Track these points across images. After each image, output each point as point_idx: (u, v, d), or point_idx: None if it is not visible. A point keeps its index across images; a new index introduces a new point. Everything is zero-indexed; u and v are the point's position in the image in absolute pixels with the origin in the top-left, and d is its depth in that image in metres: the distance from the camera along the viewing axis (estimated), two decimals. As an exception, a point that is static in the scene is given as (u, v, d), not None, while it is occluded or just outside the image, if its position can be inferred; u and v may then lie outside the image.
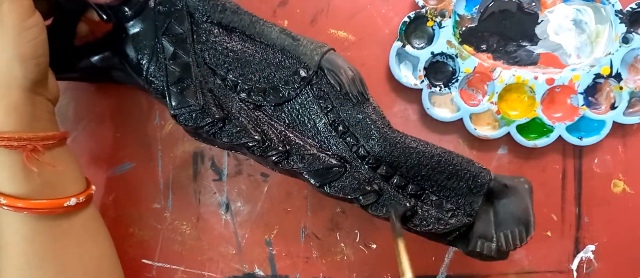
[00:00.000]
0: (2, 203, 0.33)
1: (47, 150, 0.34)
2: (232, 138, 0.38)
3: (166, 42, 0.38)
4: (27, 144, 0.33)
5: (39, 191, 0.34)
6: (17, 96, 0.33)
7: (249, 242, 0.46)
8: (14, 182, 0.33)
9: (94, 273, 0.38)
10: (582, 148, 0.45)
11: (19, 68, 0.32)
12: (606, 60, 0.43)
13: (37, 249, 0.35)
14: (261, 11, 0.46)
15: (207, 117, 0.37)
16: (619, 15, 0.42)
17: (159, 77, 0.38)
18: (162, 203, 0.46)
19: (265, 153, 0.38)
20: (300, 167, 0.38)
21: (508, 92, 0.45)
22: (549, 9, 0.44)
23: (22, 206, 0.33)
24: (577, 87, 0.43)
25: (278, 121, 0.39)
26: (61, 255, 0.36)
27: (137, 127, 0.46)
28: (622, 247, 0.46)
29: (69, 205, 0.35)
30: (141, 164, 0.46)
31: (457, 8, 0.44)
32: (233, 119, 0.38)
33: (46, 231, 0.35)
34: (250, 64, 0.39)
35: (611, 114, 0.43)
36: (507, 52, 0.44)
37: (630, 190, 0.46)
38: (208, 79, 0.38)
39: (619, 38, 0.43)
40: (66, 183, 0.36)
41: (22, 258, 0.34)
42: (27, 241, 0.34)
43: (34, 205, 0.33)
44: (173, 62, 0.38)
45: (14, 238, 0.34)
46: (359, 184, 0.38)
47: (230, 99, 0.39)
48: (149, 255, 0.47)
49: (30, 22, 0.33)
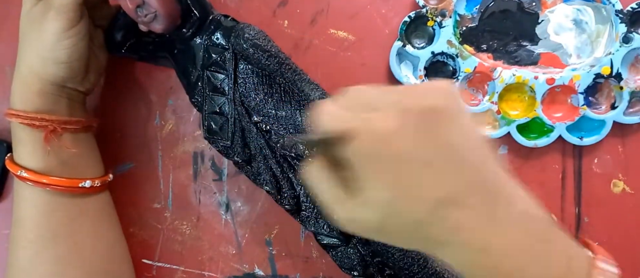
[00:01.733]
0: (23, 176, 0.37)
1: (68, 133, 0.38)
2: (250, 177, 0.41)
3: (210, 74, 0.39)
4: (49, 125, 0.36)
5: (56, 169, 0.37)
6: (44, 86, 0.37)
7: (249, 242, 0.46)
8: (34, 157, 0.37)
9: (107, 256, 0.40)
10: (582, 148, 0.45)
11: (51, 68, 0.36)
12: (606, 60, 0.43)
13: (52, 225, 0.37)
14: (261, 11, 0.46)
15: (233, 155, 0.40)
16: (620, 15, 0.42)
17: (200, 98, 0.40)
18: (162, 203, 0.46)
19: (278, 200, 0.40)
20: (308, 224, 0.40)
21: (508, 92, 0.45)
22: (550, 9, 0.44)
23: (46, 181, 0.37)
24: (577, 87, 0.43)
25: (296, 179, 0.40)
26: (75, 234, 0.38)
27: (137, 127, 0.46)
28: (622, 247, 0.46)
29: (84, 186, 0.38)
30: (141, 164, 0.46)
31: (458, 8, 0.44)
32: (255, 161, 0.40)
33: (62, 208, 0.38)
34: (283, 119, 0.39)
35: (611, 114, 0.43)
36: (508, 52, 0.44)
37: (630, 190, 0.46)
38: (242, 119, 0.39)
39: (620, 38, 0.43)
40: (84, 166, 0.39)
41: (36, 232, 0.37)
42: (43, 216, 0.37)
43: (52, 181, 0.37)
44: (213, 94, 0.39)
45: (31, 212, 0.37)
46: (353, 262, 0.40)
47: (258, 142, 0.40)
48: (149, 255, 0.47)
49: (71, 33, 0.36)
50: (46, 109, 0.37)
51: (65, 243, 0.38)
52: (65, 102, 0.38)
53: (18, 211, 0.38)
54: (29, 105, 0.37)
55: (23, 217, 0.38)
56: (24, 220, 0.37)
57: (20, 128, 0.37)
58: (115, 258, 0.42)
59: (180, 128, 0.46)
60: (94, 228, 0.40)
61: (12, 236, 0.38)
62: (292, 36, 0.45)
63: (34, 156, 0.37)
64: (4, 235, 0.47)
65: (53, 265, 0.37)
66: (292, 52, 0.45)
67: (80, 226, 0.39)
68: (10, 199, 0.46)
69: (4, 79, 0.46)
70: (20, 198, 0.38)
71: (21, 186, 0.38)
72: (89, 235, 0.39)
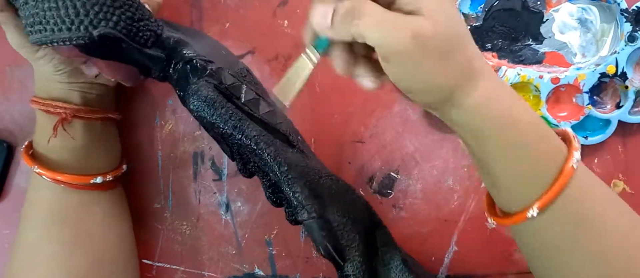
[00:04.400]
0: (37, 171, 0.38)
1: (80, 121, 0.39)
2: None
3: None
4: (62, 112, 0.38)
5: (67, 156, 0.39)
6: (52, 76, 0.38)
7: (249, 242, 0.46)
8: (49, 143, 0.38)
9: (115, 247, 0.41)
10: (583, 148, 0.45)
11: (26, 57, 0.38)
12: (611, 59, 0.42)
13: (63, 208, 0.39)
14: (261, 11, 0.45)
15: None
16: (625, 14, 0.42)
17: None
18: (162, 203, 0.46)
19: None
20: None
21: (512, 91, 0.44)
22: (554, 8, 0.43)
23: (60, 179, 0.38)
24: (582, 86, 0.43)
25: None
26: (84, 220, 0.39)
27: (137, 127, 0.46)
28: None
29: (95, 183, 0.39)
30: (141, 165, 0.46)
31: (462, 7, 0.43)
32: None
33: (75, 195, 0.39)
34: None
35: (617, 113, 0.43)
36: (512, 51, 0.44)
37: (630, 190, 0.45)
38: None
39: (625, 37, 0.42)
40: (96, 156, 0.40)
41: (47, 213, 0.38)
42: (55, 199, 0.38)
43: (64, 178, 0.38)
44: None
45: (45, 194, 0.39)
46: None
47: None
48: (149, 255, 0.47)
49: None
50: (60, 98, 0.38)
51: (74, 227, 0.39)
52: (77, 93, 0.39)
53: (31, 192, 0.40)
54: (43, 93, 0.39)
55: (36, 199, 0.39)
56: (37, 201, 0.39)
57: (40, 115, 0.39)
58: (123, 250, 0.42)
59: (180, 128, 0.46)
60: (105, 217, 0.40)
61: (23, 216, 0.39)
62: (292, 35, 0.45)
63: (48, 143, 0.38)
64: (4, 235, 0.47)
65: (60, 246, 0.38)
66: (292, 52, 0.45)
67: (90, 214, 0.39)
68: (10, 199, 0.46)
69: (4, 79, 0.46)
70: (35, 181, 0.39)
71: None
72: (99, 223, 0.40)
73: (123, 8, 0.32)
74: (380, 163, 0.46)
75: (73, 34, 0.31)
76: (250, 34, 0.45)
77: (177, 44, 0.36)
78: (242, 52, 0.46)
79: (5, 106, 0.46)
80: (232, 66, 0.37)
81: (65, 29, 0.31)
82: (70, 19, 0.30)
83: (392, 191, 0.46)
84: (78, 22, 0.31)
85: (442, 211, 0.46)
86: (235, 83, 0.35)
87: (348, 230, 0.35)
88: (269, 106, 0.37)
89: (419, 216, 0.46)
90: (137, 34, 0.33)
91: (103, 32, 0.31)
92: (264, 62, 0.45)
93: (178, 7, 0.45)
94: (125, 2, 0.32)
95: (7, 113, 0.46)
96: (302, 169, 0.36)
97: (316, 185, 0.36)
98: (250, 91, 0.36)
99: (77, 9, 0.30)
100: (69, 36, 0.31)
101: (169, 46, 0.35)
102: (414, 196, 0.46)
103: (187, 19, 0.45)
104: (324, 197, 0.35)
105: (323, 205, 0.35)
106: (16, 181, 0.46)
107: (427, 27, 0.26)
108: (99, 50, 0.33)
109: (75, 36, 0.31)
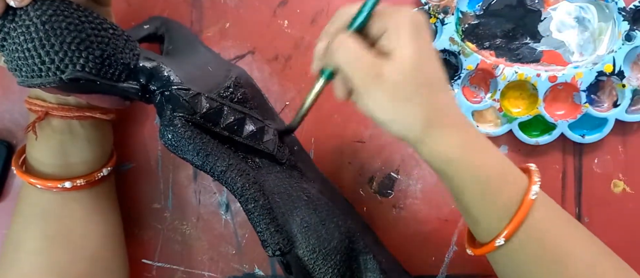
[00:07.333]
0: (14, 169, 0.39)
1: (57, 120, 0.38)
2: None
3: None
4: (40, 110, 0.38)
5: (45, 152, 0.39)
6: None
7: (249, 242, 0.46)
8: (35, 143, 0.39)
9: (99, 245, 0.41)
10: (583, 148, 0.45)
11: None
12: (609, 57, 0.43)
13: (43, 203, 0.39)
14: (261, 11, 0.45)
15: None
16: (622, 13, 0.42)
17: None
18: (162, 203, 0.46)
19: None
20: None
21: (510, 89, 0.44)
22: (552, 6, 0.44)
23: (32, 182, 0.38)
24: (579, 85, 0.43)
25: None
26: (65, 217, 0.39)
27: (137, 127, 0.46)
28: (622, 247, 0.46)
29: (64, 187, 0.39)
30: (141, 165, 0.46)
31: (460, 5, 0.44)
32: None
33: (50, 195, 0.39)
34: None
35: (614, 111, 0.43)
36: (510, 50, 0.44)
37: (630, 190, 0.46)
38: None
39: (622, 36, 0.42)
40: (74, 156, 0.40)
41: (28, 208, 0.39)
42: (36, 194, 0.39)
43: (36, 181, 0.38)
44: None
45: (26, 192, 0.40)
46: None
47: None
48: (149, 255, 0.47)
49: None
50: (39, 96, 0.39)
51: (55, 223, 0.39)
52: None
53: (21, 189, 0.40)
54: (31, 92, 0.39)
55: (22, 195, 0.40)
56: (23, 198, 0.40)
57: (30, 114, 0.39)
58: (107, 245, 0.42)
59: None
60: (87, 214, 0.40)
61: (14, 212, 0.40)
62: (292, 35, 0.45)
63: (36, 140, 0.39)
64: (3, 236, 0.47)
65: (40, 241, 0.38)
66: (292, 52, 0.45)
67: (71, 211, 0.40)
68: (11, 199, 0.46)
69: (4, 79, 0.46)
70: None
71: None
72: (80, 219, 0.40)
73: (91, 48, 0.32)
74: (380, 163, 0.46)
75: (44, 79, 0.32)
76: (250, 34, 0.46)
77: (153, 71, 0.35)
78: (242, 52, 0.46)
79: (5, 106, 0.46)
80: (217, 84, 0.37)
81: (35, 75, 0.32)
82: (38, 67, 0.31)
83: (392, 191, 0.46)
84: (46, 69, 0.31)
85: (442, 211, 0.46)
86: (212, 109, 0.35)
87: (319, 264, 0.36)
88: (258, 121, 0.37)
89: (419, 216, 0.46)
90: (108, 71, 0.33)
91: (71, 75, 0.31)
92: (264, 62, 0.46)
93: (178, 7, 0.45)
94: (92, 42, 0.32)
95: (7, 112, 0.46)
96: (279, 196, 0.36)
97: (288, 217, 0.36)
98: (234, 111, 0.36)
99: (41, 58, 0.31)
100: (40, 82, 0.32)
101: (146, 74, 0.35)
102: (414, 196, 0.46)
103: (187, 19, 0.46)
104: (293, 232, 0.35)
105: (290, 242, 0.35)
106: (16, 181, 0.46)
107: (392, 71, 0.29)
108: (76, 88, 0.34)
109: (46, 81, 0.32)
